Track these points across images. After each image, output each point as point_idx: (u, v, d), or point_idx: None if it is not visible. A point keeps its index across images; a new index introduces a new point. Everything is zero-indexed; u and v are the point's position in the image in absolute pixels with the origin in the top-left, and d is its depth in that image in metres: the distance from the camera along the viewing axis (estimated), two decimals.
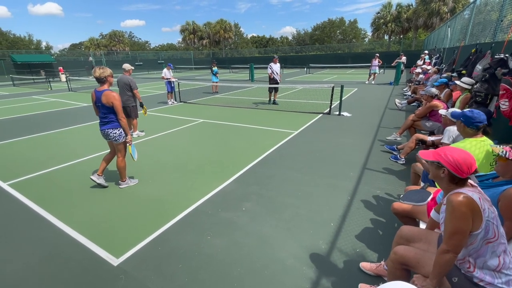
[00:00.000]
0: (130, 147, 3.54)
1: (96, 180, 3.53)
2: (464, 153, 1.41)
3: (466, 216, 1.29)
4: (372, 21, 38.14)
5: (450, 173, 1.39)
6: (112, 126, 3.36)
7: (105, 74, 3.24)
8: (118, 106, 3.26)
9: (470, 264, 1.39)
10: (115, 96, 3.24)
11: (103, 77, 3.22)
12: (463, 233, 1.30)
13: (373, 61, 14.95)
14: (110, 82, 3.33)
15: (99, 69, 3.25)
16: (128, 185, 3.67)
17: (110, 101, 3.21)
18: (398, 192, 3.36)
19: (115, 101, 3.23)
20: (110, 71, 3.33)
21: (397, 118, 7.16)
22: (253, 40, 62.36)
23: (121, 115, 3.33)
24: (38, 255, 2.41)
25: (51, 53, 34.69)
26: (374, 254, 2.34)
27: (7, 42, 45.30)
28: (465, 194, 1.31)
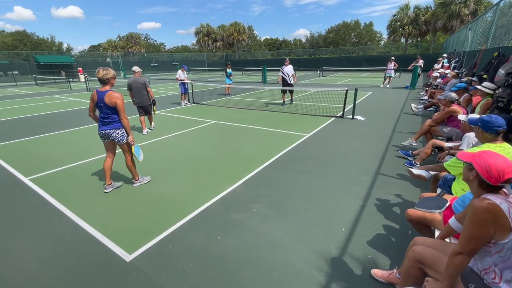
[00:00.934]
0: (133, 148, 3.51)
1: (109, 190, 3.55)
2: (501, 160, 1.33)
3: (486, 223, 1.24)
4: (388, 23, 37.43)
5: (479, 176, 1.35)
6: (114, 126, 3.33)
7: (108, 76, 3.23)
8: (121, 106, 3.24)
9: (495, 275, 1.33)
10: (118, 96, 3.22)
11: (105, 78, 3.21)
12: (481, 240, 1.27)
13: (388, 64, 14.64)
14: (112, 84, 3.31)
15: (102, 70, 3.22)
16: (142, 183, 3.72)
17: (113, 100, 3.18)
18: (412, 198, 3.27)
19: (118, 100, 3.20)
20: (114, 73, 3.31)
21: (413, 123, 6.98)
22: (266, 42, 62.54)
23: (124, 115, 3.28)
24: (57, 248, 2.51)
25: (71, 54, 36.09)
26: (386, 261, 2.28)
27: (32, 44, 47.57)
28: (490, 201, 1.26)
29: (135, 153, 3.52)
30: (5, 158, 4.91)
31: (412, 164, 4.14)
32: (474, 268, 1.42)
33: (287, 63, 9.73)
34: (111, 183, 3.59)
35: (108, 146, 3.52)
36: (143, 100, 6.17)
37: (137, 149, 3.63)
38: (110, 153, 3.55)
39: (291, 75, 9.69)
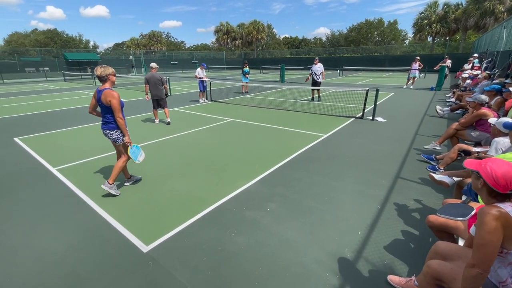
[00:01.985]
0: (129, 149, 3.36)
1: (129, 184, 3.64)
2: (508, 167, 1.31)
3: (495, 231, 1.21)
4: (414, 21, 35.84)
5: (487, 185, 1.33)
6: (109, 127, 3.23)
7: (106, 72, 3.11)
8: (116, 105, 3.08)
9: None
10: (114, 94, 3.07)
11: (104, 75, 3.10)
12: (490, 248, 1.22)
13: (413, 64, 14.03)
14: (112, 81, 3.20)
15: (100, 67, 3.12)
16: (109, 191, 3.30)
17: (108, 99, 3.05)
18: (433, 205, 3.12)
19: (113, 99, 3.05)
20: (112, 70, 3.19)
21: (437, 126, 6.66)
22: (285, 41, 62.07)
23: (118, 115, 3.13)
24: (79, 236, 2.65)
25: (97, 52, 37.83)
26: (404, 267, 2.20)
27: (61, 42, 50.23)
28: (499, 209, 1.24)
29: (130, 155, 3.34)
30: (36, 149, 5.24)
31: (435, 169, 3.95)
32: (493, 281, 1.35)
33: (316, 62, 10.21)
34: (129, 177, 3.70)
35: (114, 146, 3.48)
36: (158, 93, 6.84)
37: (136, 150, 3.47)
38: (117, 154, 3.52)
39: (320, 73, 10.18)
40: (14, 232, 2.72)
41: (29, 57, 29.31)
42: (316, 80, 10.25)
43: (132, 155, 3.38)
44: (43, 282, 2.09)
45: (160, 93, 6.85)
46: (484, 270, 1.24)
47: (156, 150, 5.15)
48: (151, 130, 6.57)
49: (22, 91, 15.84)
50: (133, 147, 3.44)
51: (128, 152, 3.35)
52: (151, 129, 6.68)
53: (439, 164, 3.92)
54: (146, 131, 6.49)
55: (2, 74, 22.24)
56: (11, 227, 2.79)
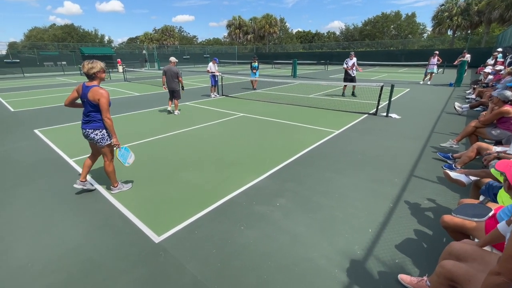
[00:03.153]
0: (118, 151, 3.16)
1: (78, 186, 3.25)
2: None
3: None
4: (434, 14, 34.45)
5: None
6: (93, 126, 3.00)
7: (94, 70, 2.88)
8: (105, 104, 2.89)
9: None
10: (103, 93, 2.88)
11: (91, 73, 2.88)
12: None
13: (431, 59, 13.50)
14: (101, 78, 3.00)
15: (87, 63, 2.88)
16: (121, 190, 3.34)
17: (96, 97, 2.85)
18: (449, 204, 3.03)
19: (103, 98, 2.86)
20: (101, 67, 2.95)
21: (456, 123, 6.42)
22: (298, 35, 61.12)
23: (107, 115, 2.93)
24: (95, 224, 2.75)
25: (111, 46, 38.53)
26: (415, 267, 2.16)
27: (78, 36, 51.51)
28: None
29: (119, 158, 3.15)
30: (54, 140, 5.44)
31: (451, 167, 3.82)
32: None
33: (352, 57, 10.12)
34: (84, 181, 3.29)
35: (92, 147, 3.28)
36: (173, 86, 7.38)
37: (125, 153, 3.28)
38: (92, 154, 3.32)
39: (355, 67, 10.13)
40: (35, 219, 2.85)
41: (48, 51, 30.28)
42: (352, 75, 10.13)
43: (121, 158, 3.17)
44: (62, 267, 2.19)
45: (174, 86, 7.35)
46: (510, 280, 1.18)
47: (168, 143, 5.23)
48: (164, 124, 6.68)
49: (41, 84, 16.42)
50: (122, 149, 3.23)
51: (116, 155, 3.14)
52: (163, 123, 6.79)
53: (457, 163, 3.79)
54: (159, 125, 6.60)
55: (23, 68, 23.09)
56: (32, 215, 2.93)
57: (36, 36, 50.20)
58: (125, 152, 3.29)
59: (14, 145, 5.21)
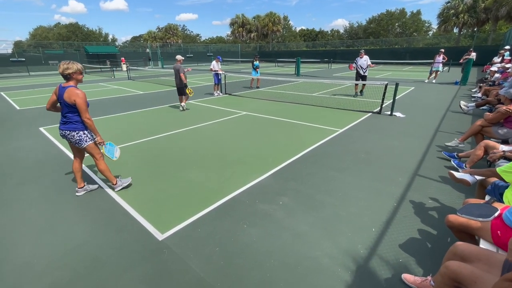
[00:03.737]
0: (104, 148, 3.18)
1: (81, 193, 3.26)
2: None
3: None
4: (439, 12, 33.99)
5: None
6: (70, 127, 2.94)
7: (70, 70, 2.82)
8: (82, 105, 2.83)
9: None
10: (79, 93, 2.80)
11: (66, 73, 2.81)
12: None
13: (436, 57, 13.34)
14: (78, 80, 2.93)
15: (63, 64, 2.82)
16: (122, 186, 3.34)
17: (72, 98, 2.79)
18: (453, 204, 3.00)
19: (78, 98, 2.79)
20: (77, 68, 2.88)
21: (461, 122, 6.35)
22: (301, 33, 60.84)
23: (85, 115, 2.87)
24: (99, 221, 2.77)
25: (115, 45, 38.72)
26: (419, 267, 2.14)
27: (82, 35, 51.81)
28: None
29: (106, 153, 3.19)
30: (59, 138, 5.49)
31: (461, 165, 3.77)
32: None
33: (362, 55, 9.71)
34: (83, 186, 3.27)
35: (72, 148, 3.21)
36: (177, 83, 7.91)
37: (111, 148, 3.32)
38: (75, 156, 3.24)
39: (366, 66, 9.72)
40: (40, 216, 2.88)
41: (53, 50, 30.48)
42: (362, 74, 9.78)
43: (108, 153, 3.20)
44: (67, 264, 2.21)
45: (177, 82, 7.87)
46: None
47: (171, 141, 5.25)
48: (167, 122, 6.70)
49: (46, 83, 16.57)
50: (107, 145, 3.27)
51: (103, 152, 3.18)
52: (166, 121, 6.81)
53: (466, 163, 3.74)
54: (162, 123, 6.63)
55: (28, 66, 23.31)
56: (37, 212, 2.96)
57: (41, 35, 50.62)
58: (110, 148, 3.32)
59: (20, 143, 5.27)
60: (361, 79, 9.75)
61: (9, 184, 3.58)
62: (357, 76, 9.88)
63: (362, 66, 9.70)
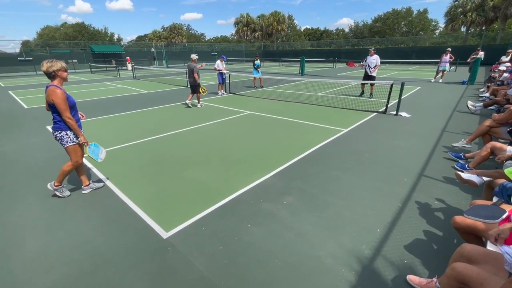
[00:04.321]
0: (87, 149, 3.12)
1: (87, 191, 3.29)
2: None
3: None
4: (447, 10, 33.55)
5: None
6: (54, 127, 2.93)
7: (53, 68, 2.79)
8: (60, 105, 2.76)
9: None
10: (58, 93, 2.75)
11: (50, 71, 2.79)
12: None
13: (443, 56, 13.17)
14: (62, 77, 2.89)
15: (46, 62, 2.80)
16: (55, 192, 3.18)
17: (50, 97, 2.76)
18: (460, 205, 2.97)
19: (56, 99, 2.74)
20: (62, 65, 2.85)
21: (468, 122, 6.26)
22: (306, 32, 60.57)
23: (66, 115, 2.81)
24: (105, 219, 2.80)
25: (121, 45, 39.00)
26: (425, 268, 2.12)
27: (88, 35, 52.27)
28: None
29: (90, 154, 3.10)
30: None
31: (464, 167, 3.74)
32: None
33: (372, 53, 9.03)
34: (88, 184, 3.32)
35: None
36: (191, 81, 8.29)
37: (95, 149, 3.24)
38: None
39: (374, 66, 9.05)
40: (47, 213, 2.93)
41: (59, 49, 30.85)
42: (369, 74, 9.12)
43: (92, 154, 3.11)
44: (74, 259, 2.25)
45: (191, 81, 8.24)
46: None
47: (175, 140, 5.28)
48: (171, 122, 6.74)
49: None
50: (92, 146, 3.20)
51: (86, 153, 3.11)
52: (170, 121, 6.85)
53: (469, 164, 3.70)
54: (166, 122, 6.67)
55: (35, 66, 23.62)
56: (45, 209, 3.01)
57: (48, 34, 51.22)
58: (95, 149, 3.25)
59: (28, 141, 5.35)
60: (369, 79, 9.11)
61: (17, 182, 3.64)
62: (365, 76, 9.35)
63: (370, 65, 9.05)
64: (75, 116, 3.01)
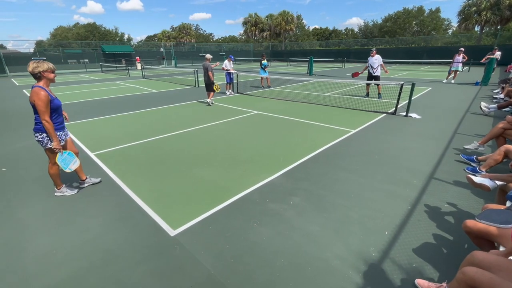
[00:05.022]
0: (58, 156, 2.98)
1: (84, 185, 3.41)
2: None
3: None
4: (460, 9, 32.75)
5: None
6: (34, 129, 2.91)
7: (39, 69, 2.74)
8: (40, 106, 2.70)
9: None
10: (40, 94, 2.70)
11: (36, 72, 2.75)
12: None
13: (456, 56, 12.87)
14: (49, 79, 2.85)
15: (33, 63, 2.76)
16: (63, 194, 3.25)
17: (32, 98, 2.72)
18: (472, 209, 2.90)
19: (38, 100, 2.69)
20: (48, 66, 2.81)
21: (481, 124, 6.10)
22: (315, 32, 60.17)
23: (44, 117, 2.74)
24: (114, 216, 2.85)
25: (131, 44, 39.55)
26: (434, 273, 2.08)
27: (99, 35, 53.28)
28: None
29: (58, 162, 2.98)
30: (77, 135, 5.69)
31: (475, 170, 3.65)
32: None
33: (373, 54, 9.09)
34: (84, 178, 3.43)
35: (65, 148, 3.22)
36: (205, 79, 8.61)
37: (68, 157, 3.09)
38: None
39: (377, 66, 9.02)
40: (58, 209, 3.00)
41: (72, 49, 31.56)
42: (373, 74, 9.12)
43: (61, 163, 3.00)
44: (84, 255, 2.30)
45: (205, 79, 8.55)
46: None
47: (183, 139, 5.33)
48: (179, 121, 6.80)
49: (66, 81, 17.19)
50: (64, 153, 3.05)
51: (56, 159, 2.99)
52: (178, 120, 6.92)
53: (481, 166, 3.61)
54: (174, 122, 6.74)
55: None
56: (56, 205, 3.08)
57: (61, 34, 52.46)
58: (68, 157, 3.09)
59: None
60: (373, 79, 9.06)
61: (29, 179, 3.74)
62: (368, 76, 9.30)
63: (372, 65, 9.06)
64: (58, 118, 2.97)
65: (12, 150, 4.89)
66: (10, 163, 4.29)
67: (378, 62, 9.05)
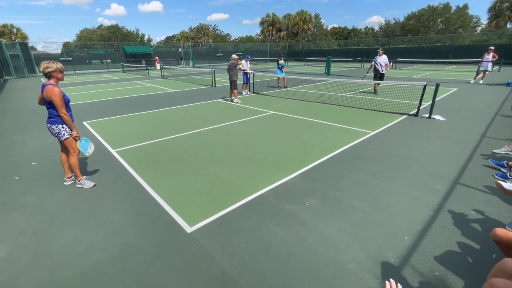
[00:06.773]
0: (78, 143, 3.37)
1: (69, 183, 3.56)
2: None
3: None
4: (490, 5, 30.90)
5: None
6: (51, 121, 3.20)
7: (49, 69, 3.07)
8: (58, 102, 3.06)
9: None
10: (55, 91, 3.04)
11: (47, 72, 3.07)
12: None
13: (485, 55, 12.18)
14: (58, 78, 3.18)
15: (44, 63, 3.08)
16: (82, 186, 3.49)
17: (49, 95, 3.04)
18: (501, 217, 2.73)
19: (54, 96, 3.03)
20: (57, 67, 3.13)
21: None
22: (333, 31, 59.07)
23: (62, 111, 3.11)
24: (133, 211, 2.95)
25: (150, 45, 40.72)
26: (458, 282, 1.98)
27: (121, 36, 55.21)
28: None
29: (80, 148, 3.38)
30: (99, 132, 5.94)
31: (505, 177, 3.43)
32: None
33: (381, 54, 9.97)
34: (70, 176, 3.59)
35: (60, 143, 3.45)
36: (229, 77, 9.19)
37: (85, 143, 3.50)
38: (62, 149, 3.50)
39: (384, 65, 9.94)
40: (82, 203, 3.15)
41: (95, 50, 32.98)
42: (380, 71, 9.96)
43: (81, 148, 3.39)
44: (105, 248, 2.40)
45: (230, 77, 9.17)
46: None
47: (200, 138, 5.42)
48: (196, 120, 6.92)
49: (90, 80, 18.00)
50: (82, 140, 3.45)
51: (77, 146, 3.36)
52: (195, 119, 7.04)
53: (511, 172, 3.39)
54: (192, 121, 6.86)
55: (74, 65, 25.49)
56: (80, 199, 3.24)
57: (86, 36, 54.94)
58: (85, 143, 3.50)
59: None
60: (380, 78, 9.95)
61: (56, 174, 3.95)
62: (376, 75, 10.05)
63: (381, 63, 9.88)
64: (69, 112, 3.29)
65: (42, 145, 5.19)
66: (40, 158, 4.56)
67: (385, 61, 9.98)
